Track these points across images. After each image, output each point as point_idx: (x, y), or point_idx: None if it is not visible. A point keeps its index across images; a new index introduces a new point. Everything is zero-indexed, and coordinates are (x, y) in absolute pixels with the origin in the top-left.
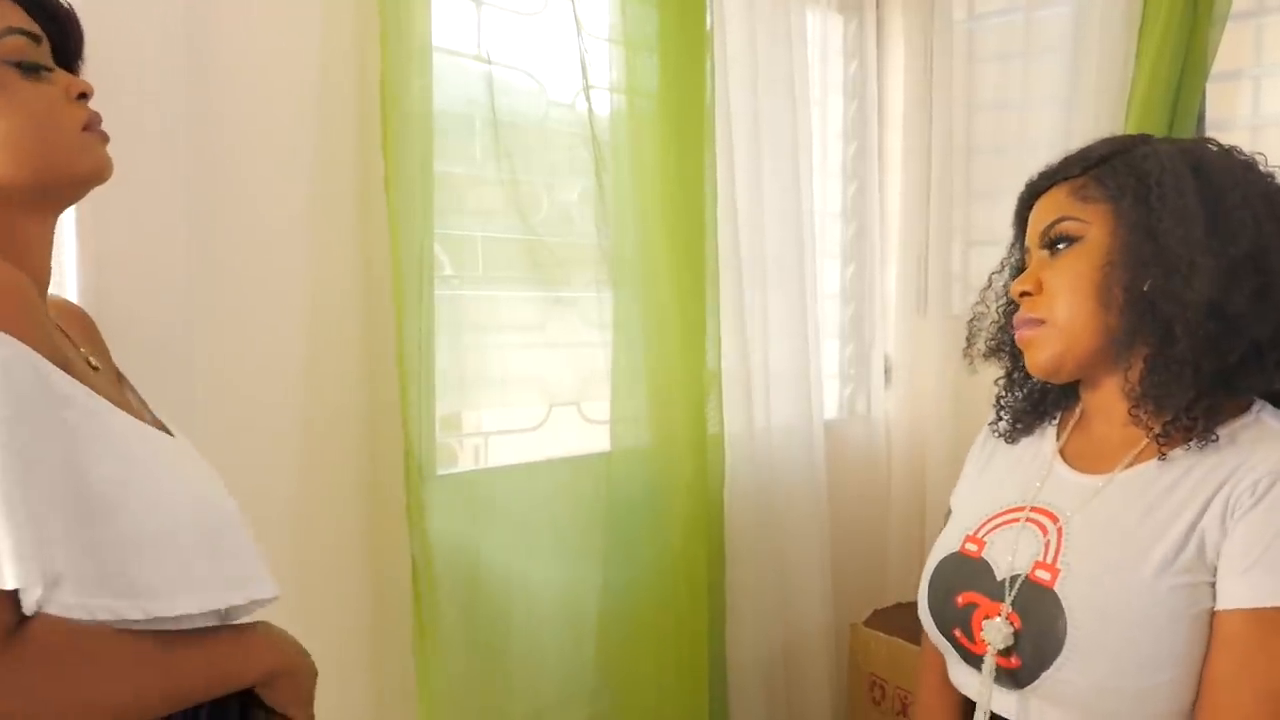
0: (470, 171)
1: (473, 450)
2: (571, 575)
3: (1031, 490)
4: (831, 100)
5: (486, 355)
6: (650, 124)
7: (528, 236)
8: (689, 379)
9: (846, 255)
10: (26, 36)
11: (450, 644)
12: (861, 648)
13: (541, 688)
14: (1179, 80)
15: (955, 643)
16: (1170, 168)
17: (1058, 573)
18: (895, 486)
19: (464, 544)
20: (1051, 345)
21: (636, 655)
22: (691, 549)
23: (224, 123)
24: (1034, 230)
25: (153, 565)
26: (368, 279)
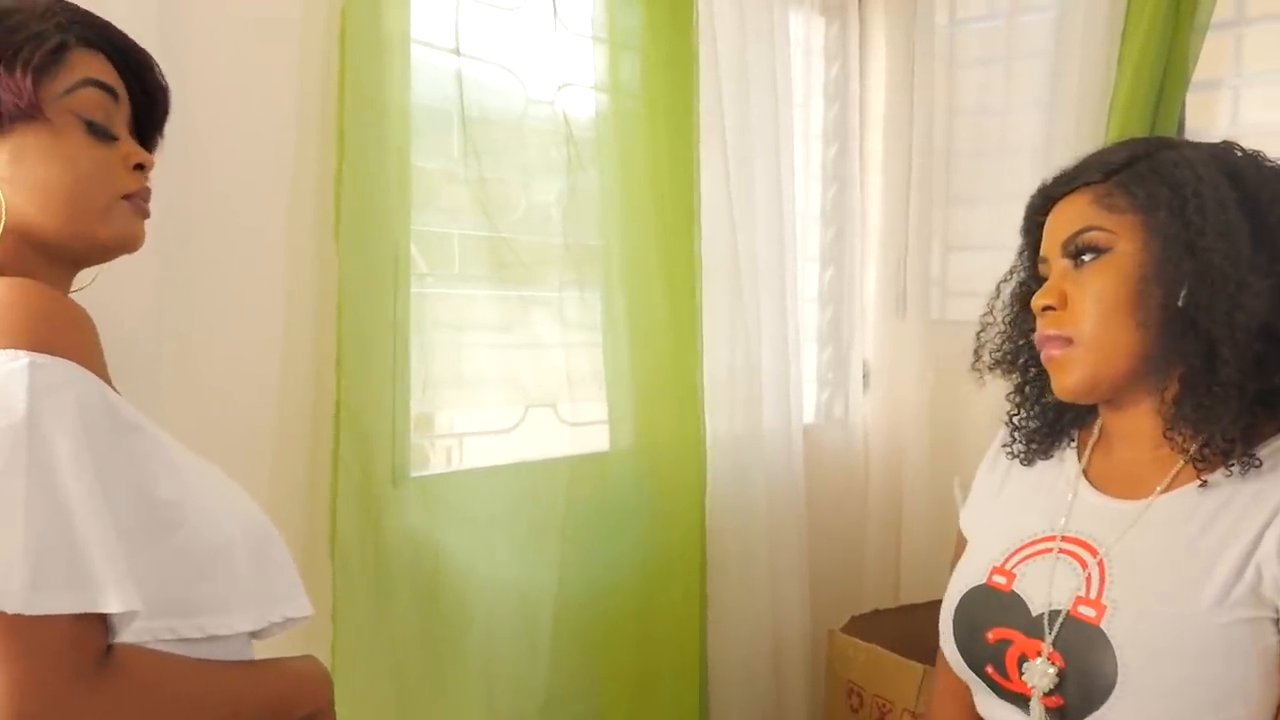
0: (447, 168)
1: (445, 452)
2: (551, 579)
3: (1059, 518)
4: (813, 102)
5: (461, 355)
6: (635, 123)
7: (505, 235)
8: (674, 382)
9: (825, 258)
10: (106, 92)
11: (425, 648)
12: (839, 655)
13: (521, 693)
14: (1160, 88)
15: (989, 680)
16: (1206, 177)
17: (1104, 609)
18: (873, 492)
19: (441, 547)
20: (1082, 367)
21: (620, 659)
22: (675, 554)
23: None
24: (1053, 239)
25: (207, 583)
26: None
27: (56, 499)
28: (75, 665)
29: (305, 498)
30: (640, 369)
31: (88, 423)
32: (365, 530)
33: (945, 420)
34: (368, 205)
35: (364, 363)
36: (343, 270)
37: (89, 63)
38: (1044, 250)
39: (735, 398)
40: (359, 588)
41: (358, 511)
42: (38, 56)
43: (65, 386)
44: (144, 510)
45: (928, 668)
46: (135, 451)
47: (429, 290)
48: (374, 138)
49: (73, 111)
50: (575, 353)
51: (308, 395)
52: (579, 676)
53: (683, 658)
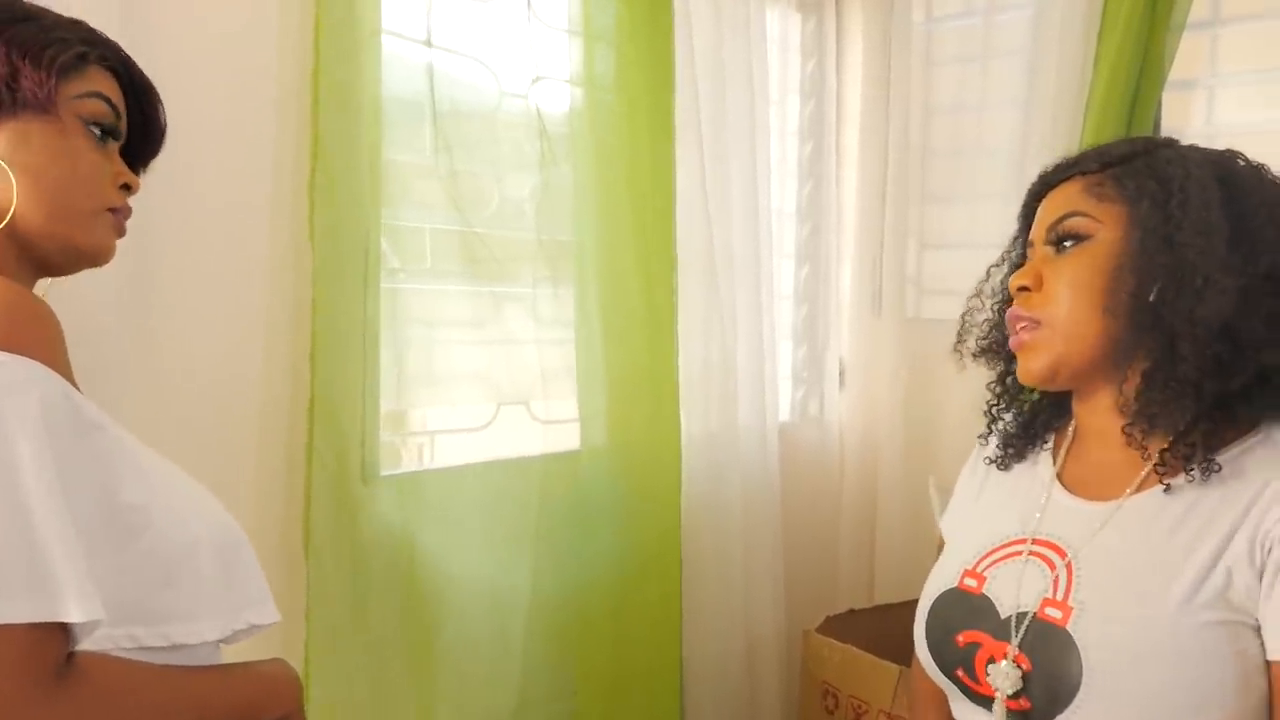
0: (419, 161)
1: (417, 450)
2: (524, 578)
3: (1031, 520)
4: (789, 98)
5: (433, 352)
6: (611, 117)
7: (478, 230)
8: (649, 379)
9: (801, 255)
10: (112, 110)
11: (399, 648)
12: (814, 655)
13: (495, 693)
14: (1136, 87)
15: (959, 683)
16: (1196, 176)
17: (1070, 611)
18: (847, 491)
19: (411, 546)
20: (1047, 350)
21: (596, 659)
22: (651, 553)
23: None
24: (1041, 224)
25: (172, 589)
26: (314, 272)
27: (16, 501)
28: (34, 675)
29: (279, 496)
30: (614, 366)
31: (50, 423)
32: (339, 529)
33: (920, 419)
34: (340, 199)
35: (337, 359)
36: (316, 265)
37: (102, 80)
38: (1032, 234)
39: (710, 395)
40: (332, 586)
41: (332, 510)
42: (63, 57)
43: (27, 385)
44: (108, 514)
45: (903, 668)
46: (99, 453)
47: (401, 286)
48: (346, 131)
49: (80, 116)
50: (548, 350)
51: (281, 392)
52: (554, 676)
53: (661, 658)
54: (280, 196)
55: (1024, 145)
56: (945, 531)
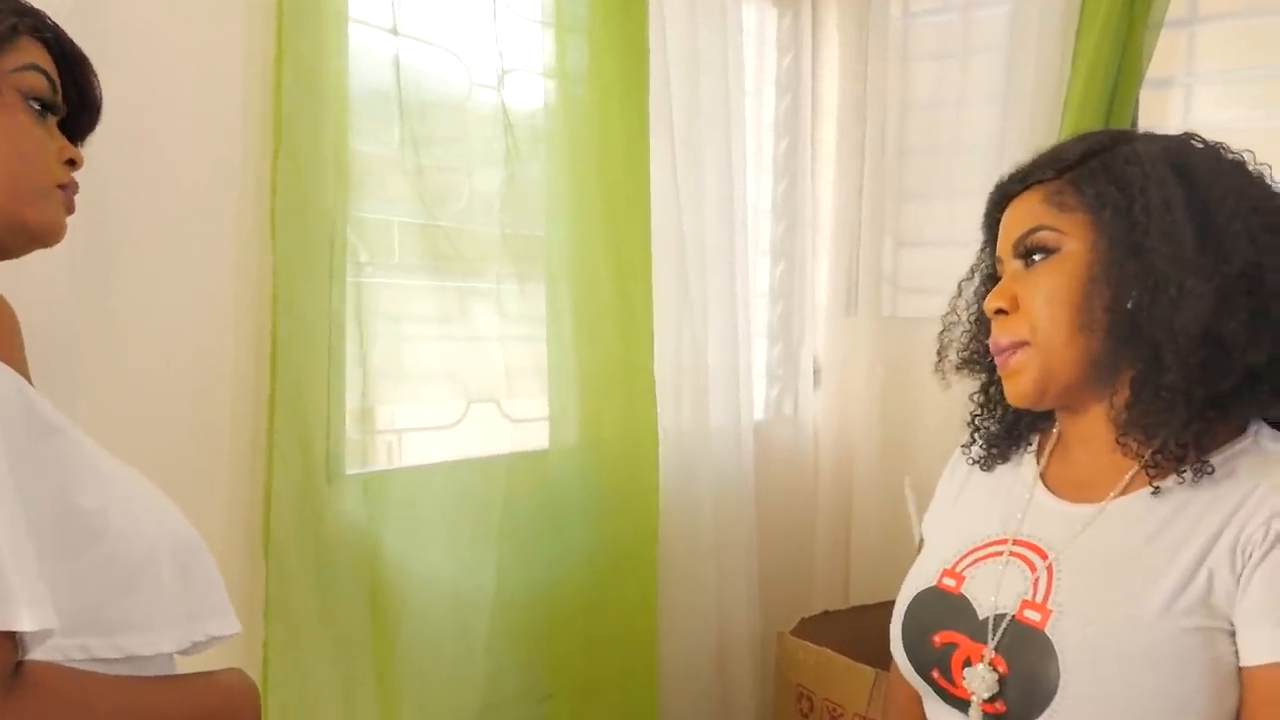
0: (387, 153)
1: (385, 448)
2: (492, 580)
3: (1013, 521)
4: (764, 93)
5: (401, 348)
6: (583, 110)
7: (447, 224)
8: (623, 377)
9: (776, 252)
10: (49, 82)
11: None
12: (789, 657)
13: (463, 695)
14: (1114, 84)
15: (934, 684)
16: (1155, 175)
17: (1049, 614)
18: (822, 491)
19: (376, 547)
20: (1032, 371)
21: (569, 661)
22: (624, 554)
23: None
24: (1006, 239)
25: (128, 598)
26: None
27: None
28: None
29: (242, 494)
30: (586, 364)
31: (3, 421)
32: (302, 528)
33: (896, 418)
34: (304, 189)
35: (300, 354)
36: (278, 257)
37: (36, 52)
38: (999, 249)
39: (683, 393)
40: (294, 588)
41: (294, 509)
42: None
43: None
44: (63, 519)
45: (879, 671)
46: (55, 455)
47: (369, 280)
48: (310, 119)
49: (20, 90)
50: (519, 347)
51: (244, 387)
52: (527, 679)
53: (636, 660)
54: (245, 185)
55: (1001, 142)
56: (927, 532)
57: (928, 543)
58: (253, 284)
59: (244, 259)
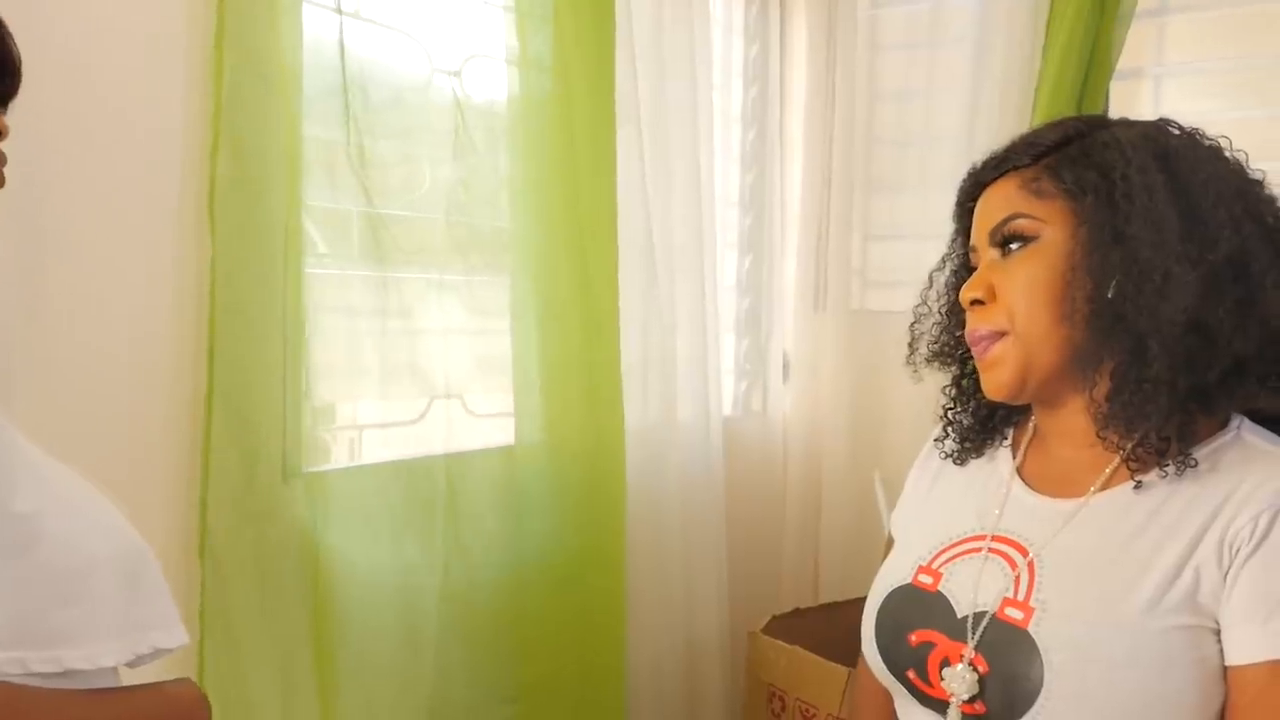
0: (344, 139)
1: (347, 444)
2: (460, 579)
3: (990, 517)
4: (732, 83)
5: (362, 342)
6: (548, 99)
7: (409, 214)
8: (587, 371)
9: (744, 245)
10: None
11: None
12: (760, 657)
13: (432, 699)
14: (1085, 75)
15: (909, 685)
16: (1135, 160)
17: (1032, 611)
18: (791, 487)
19: (332, 548)
20: (1012, 363)
21: (540, 658)
22: (591, 553)
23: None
24: (981, 227)
25: (67, 609)
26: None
27: None
28: None
29: (178, 496)
30: (551, 359)
31: None
32: (244, 530)
33: (866, 413)
34: (247, 177)
35: (245, 349)
36: (216, 247)
37: None
38: (973, 238)
39: (650, 388)
40: (233, 592)
41: (235, 510)
42: None
43: None
44: None
45: (853, 670)
46: None
47: (327, 271)
48: (256, 103)
49: None
50: (483, 341)
51: (182, 385)
52: (494, 681)
53: (604, 661)
54: (186, 172)
55: (971, 134)
56: (896, 528)
57: (900, 538)
58: (194, 275)
59: (185, 249)
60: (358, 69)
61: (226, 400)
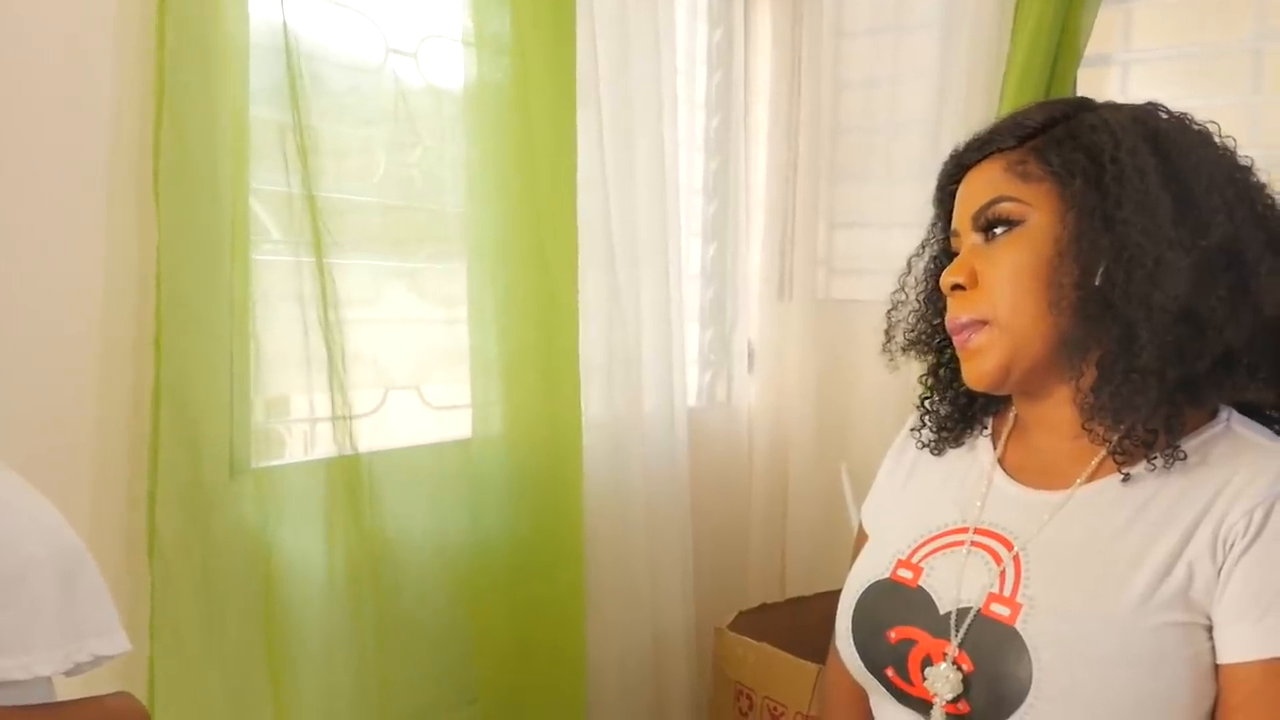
0: (295, 122)
1: (301, 439)
2: (418, 574)
3: (972, 509)
4: (696, 69)
5: (314, 331)
6: (507, 81)
7: (362, 199)
8: (546, 361)
9: (708, 234)
10: None
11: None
12: (727, 653)
13: (399, 697)
14: (1054, 61)
15: (888, 683)
16: (1126, 143)
17: (1019, 608)
18: (757, 479)
19: (281, 545)
20: (996, 353)
21: (500, 657)
22: (551, 547)
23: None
24: (964, 210)
25: (1, 615)
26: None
27: None
28: None
29: (124, 496)
30: (509, 349)
31: None
32: (191, 529)
33: (832, 403)
34: (195, 160)
35: (191, 338)
36: (163, 232)
37: None
38: (955, 223)
39: (612, 379)
40: (182, 595)
41: (182, 508)
42: None
43: None
44: None
45: (822, 667)
46: None
47: (278, 258)
48: (199, 82)
49: None
50: (440, 331)
51: (124, 379)
52: (451, 682)
53: (565, 658)
54: (131, 156)
55: (938, 121)
56: (869, 520)
57: (876, 532)
58: (139, 264)
59: (129, 236)
60: (308, 49)
61: (173, 393)
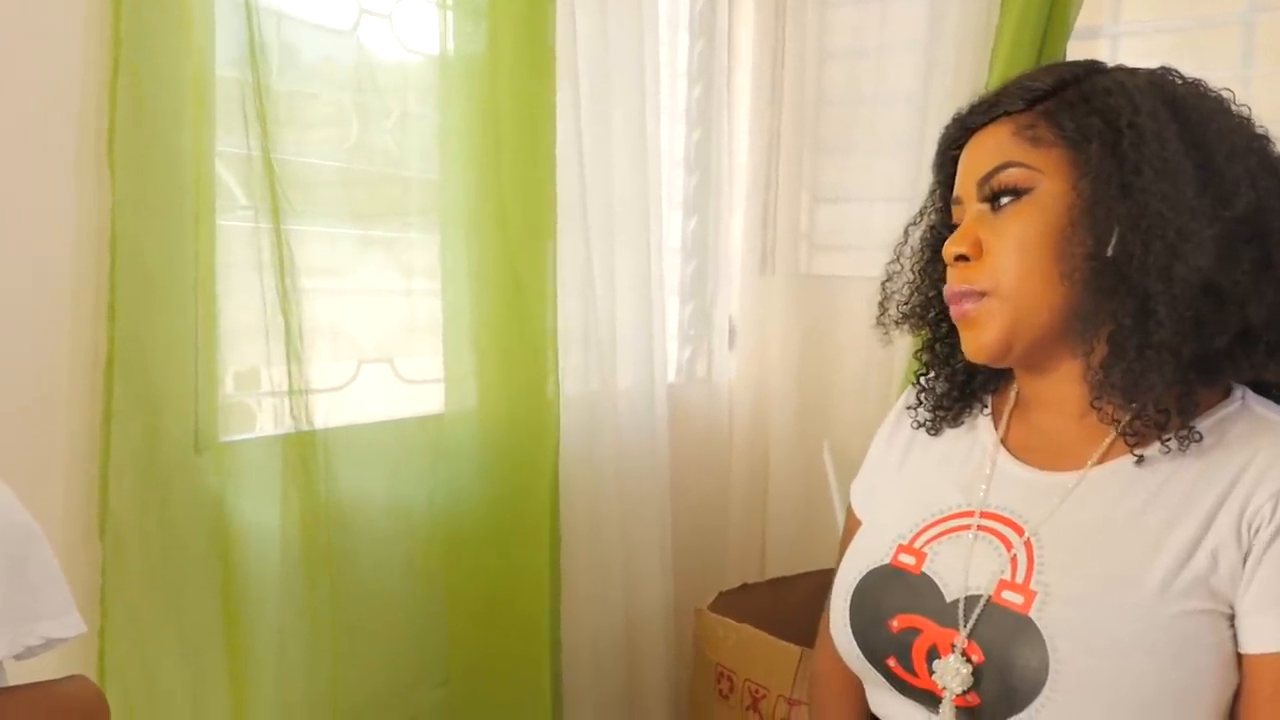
0: (265, 82)
1: (272, 413)
2: (383, 554)
3: (977, 491)
4: (678, 37)
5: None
6: (484, 45)
7: (332, 164)
8: (524, 335)
9: (689, 207)
10: None
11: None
12: (707, 634)
13: (367, 680)
14: (1044, 33)
15: (889, 674)
16: (1145, 107)
17: (1033, 595)
18: (737, 457)
19: (246, 522)
20: (997, 324)
21: (468, 637)
22: (525, 526)
23: None
24: (968, 177)
25: None
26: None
27: None
28: None
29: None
30: (482, 322)
31: None
32: (148, 507)
33: (814, 380)
34: (149, 119)
35: (149, 309)
36: (117, 196)
37: None
38: (958, 189)
39: (589, 354)
40: (135, 572)
41: (138, 485)
42: None
43: None
44: None
45: (805, 650)
46: None
47: (245, 225)
48: (159, 38)
49: None
50: (414, 302)
51: (81, 348)
52: (421, 663)
53: (539, 640)
54: (84, 109)
55: (925, 94)
56: (859, 503)
57: (872, 516)
58: (93, 226)
59: (82, 196)
60: (273, 6)
61: (127, 364)
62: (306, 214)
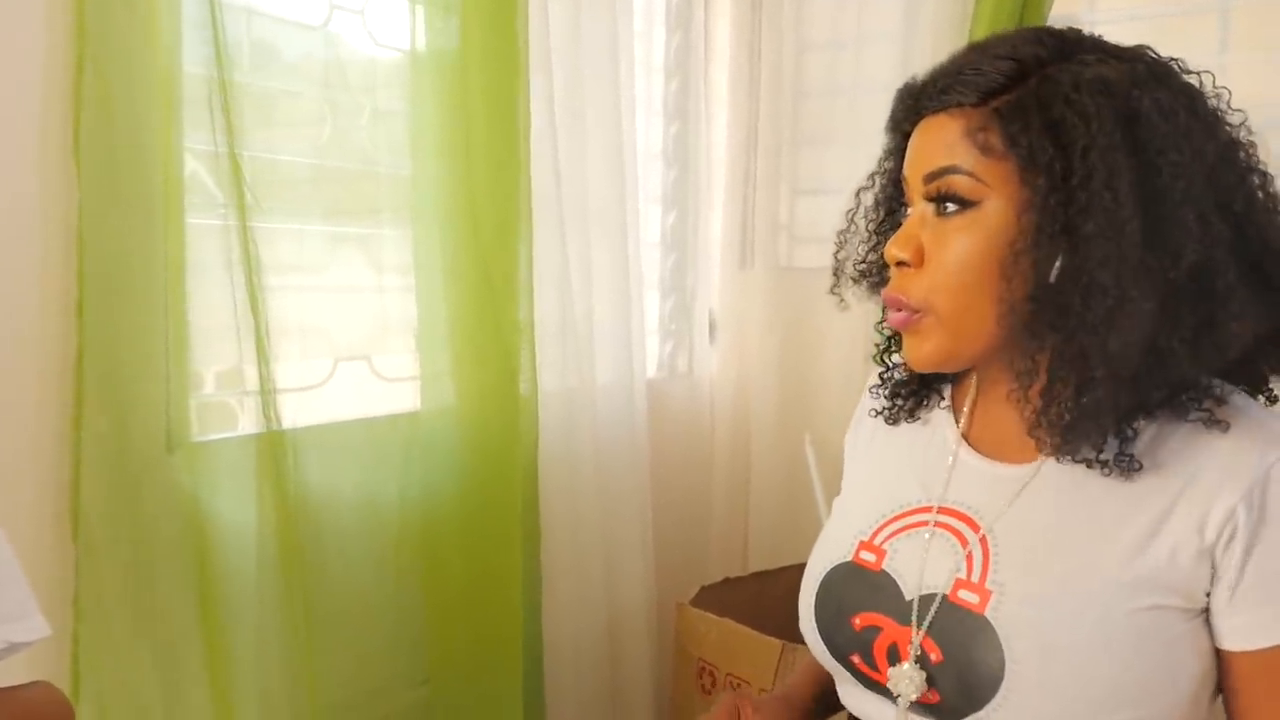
0: (236, 79)
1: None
2: (358, 554)
3: (936, 486)
4: (654, 31)
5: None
6: (455, 39)
7: (304, 160)
8: (499, 331)
9: (668, 200)
10: None
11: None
12: (689, 629)
13: (346, 680)
14: (1019, 22)
15: (854, 670)
16: (1100, 132)
17: (989, 595)
18: (719, 451)
19: (218, 522)
20: (935, 341)
21: (448, 636)
22: (504, 520)
23: None
24: (915, 167)
25: None
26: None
27: None
28: None
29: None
30: (457, 318)
31: None
32: (120, 508)
33: (795, 373)
34: (117, 115)
35: (118, 307)
36: (84, 195)
37: None
38: (907, 170)
39: (567, 350)
40: (109, 574)
41: (110, 486)
42: None
43: None
44: None
45: (786, 644)
46: None
47: (219, 222)
48: (125, 34)
49: None
50: (390, 298)
51: (49, 346)
52: (401, 662)
53: (520, 637)
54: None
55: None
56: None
57: (839, 509)
58: (59, 222)
59: (48, 191)
60: (247, 3)
61: (97, 363)
62: (278, 211)
